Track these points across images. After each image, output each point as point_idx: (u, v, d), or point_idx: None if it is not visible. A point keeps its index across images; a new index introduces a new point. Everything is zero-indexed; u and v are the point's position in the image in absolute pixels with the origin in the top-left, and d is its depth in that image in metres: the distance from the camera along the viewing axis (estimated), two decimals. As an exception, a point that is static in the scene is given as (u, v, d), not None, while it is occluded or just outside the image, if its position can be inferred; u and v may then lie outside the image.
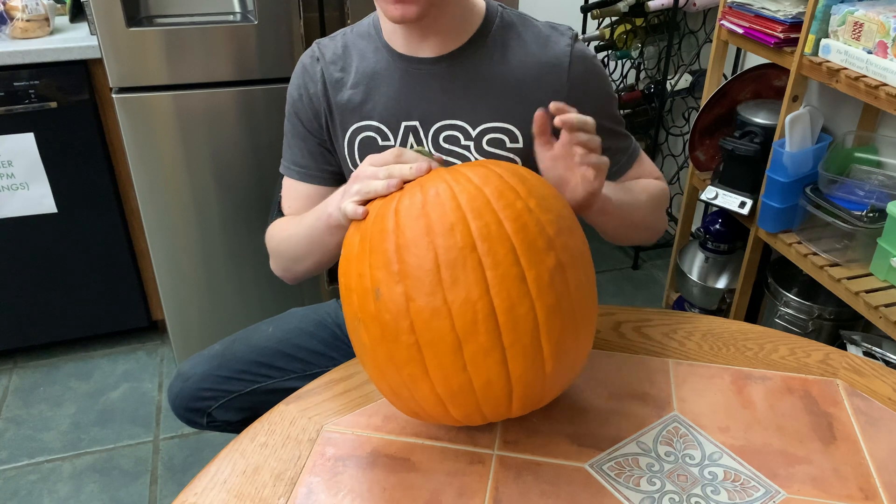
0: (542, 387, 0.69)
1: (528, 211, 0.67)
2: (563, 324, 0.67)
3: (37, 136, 1.73)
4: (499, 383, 0.67)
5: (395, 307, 0.65)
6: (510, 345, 0.65)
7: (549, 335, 0.66)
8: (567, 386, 0.76)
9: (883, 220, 1.40)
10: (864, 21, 1.33)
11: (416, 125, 0.96)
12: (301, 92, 1.01)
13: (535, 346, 0.66)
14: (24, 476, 1.68)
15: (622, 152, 1.01)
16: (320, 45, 1.01)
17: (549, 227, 0.67)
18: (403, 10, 0.84)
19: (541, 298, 0.65)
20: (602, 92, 0.98)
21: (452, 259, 0.64)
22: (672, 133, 2.41)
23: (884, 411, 0.83)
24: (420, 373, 0.67)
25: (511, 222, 0.66)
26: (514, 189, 0.68)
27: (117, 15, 1.52)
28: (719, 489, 0.72)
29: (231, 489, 0.72)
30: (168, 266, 1.84)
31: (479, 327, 0.64)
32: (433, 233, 0.65)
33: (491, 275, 0.64)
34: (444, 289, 0.64)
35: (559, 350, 0.67)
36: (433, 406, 0.70)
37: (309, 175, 1.04)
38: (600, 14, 2.17)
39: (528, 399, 0.70)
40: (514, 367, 0.66)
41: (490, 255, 0.64)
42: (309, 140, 1.03)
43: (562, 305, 0.66)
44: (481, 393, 0.67)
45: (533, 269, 0.65)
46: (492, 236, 0.65)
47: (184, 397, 1.12)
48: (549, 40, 0.95)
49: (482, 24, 0.94)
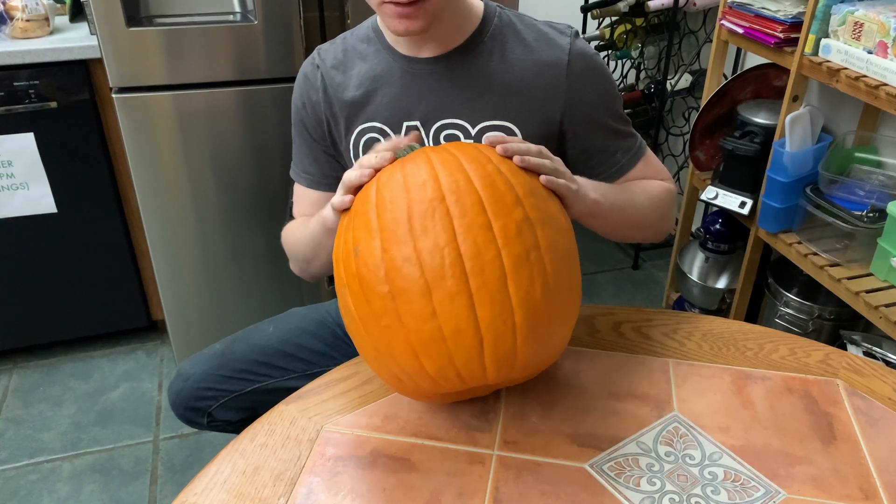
0: (512, 343, 0.69)
1: (497, 172, 0.72)
2: (531, 276, 0.69)
3: (37, 136, 1.73)
4: (468, 331, 0.68)
5: (371, 260, 0.70)
6: (477, 289, 0.67)
7: (516, 284, 0.68)
8: (546, 359, 0.75)
9: (883, 220, 1.40)
10: (864, 21, 1.33)
11: (417, 125, 0.97)
12: (304, 100, 1.02)
13: (503, 293, 0.68)
14: (24, 476, 1.68)
15: (623, 152, 1.00)
16: (321, 51, 1.02)
17: (518, 188, 0.72)
18: (408, 25, 0.85)
19: (507, 247, 0.68)
20: (602, 89, 0.97)
21: (423, 210, 0.69)
22: (672, 133, 2.41)
23: (884, 411, 0.83)
24: (395, 323, 0.69)
25: (480, 179, 0.71)
26: (488, 157, 0.74)
27: (117, 15, 1.52)
28: (719, 489, 0.72)
29: (231, 489, 0.72)
30: (168, 266, 1.84)
31: (446, 271, 0.67)
32: (408, 189, 0.71)
33: (458, 223, 0.68)
34: (414, 238, 0.68)
35: (529, 304, 0.68)
36: (408, 360, 0.71)
37: (315, 181, 1.06)
38: (600, 14, 2.17)
39: (500, 356, 0.70)
40: (483, 313, 0.67)
41: (458, 205, 0.69)
42: (314, 147, 1.05)
43: (530, 257, 0.69)
44: (451, 341, 0.68)
45: (499, 219, 0.69)
46: (460, 190, 0.70)
47: (184, 397, 1.12)
48: (549, 38, 0.95)
49: (480, 24, 0.95)
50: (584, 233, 0.91)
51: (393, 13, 0.84)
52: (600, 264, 2.51)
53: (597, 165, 0.99)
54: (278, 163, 1.79)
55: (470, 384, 0.73)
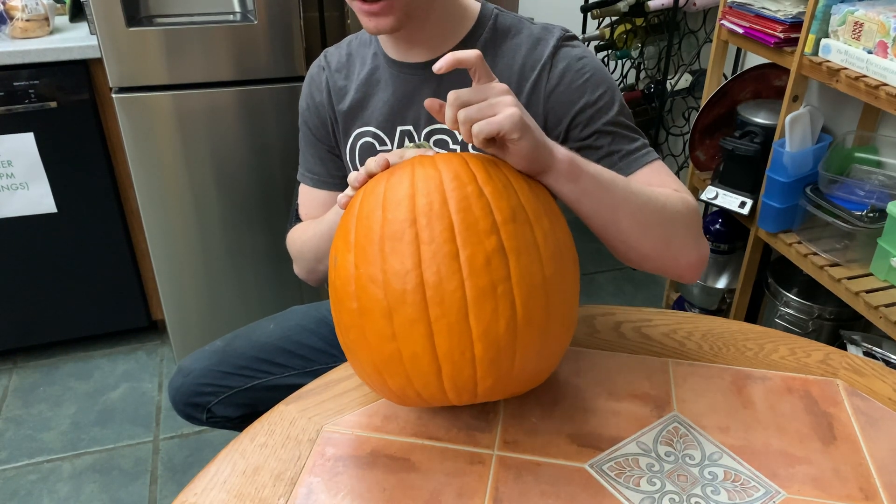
0: (471, 373, 0.68)
1: (477, 195, 0.68)
2: (495, 310, 0.66)
3: (37, 136, 1.73)
4: (425, 358, 0.67)
5: (344, 273, 0.70)
6: (436, 318, 0.66)
7: (478, 317, 0.66)
8: (522, 385, 0.74)
9: (883, 220, 1.40)
10: (864, 21, 1.33)
11: (409, 129, 0.97)
12: (309, 102, 1.04)
13: (462, 324, 0.66)
14: (24, 476, 1.68)
15: (619, 154, 0.91)
16: (327, 54, 1.03)
17: (498, 213, 0.68)
18: (377, 23, 0.84)
19: (472, 278, 0.66)
20: (590, 92, 0.90)
21: (394, 231, 0.68)
22: (672, 133, 2.41)
23: (884, 411, 0.83)
24: (361, 338, 0.70)
25: (456, 202, 0.68)
26: (473, 174, 0.70)
27: (117, 15, 1.52)
28: (719, 489, 0.72)
29: (231, 489, 0.72)
30: (168, 266, 1.84)
31: (406, 297, 0.66)
32: (384, 207, 0.69)
33: (425, 249, 0.67)
34: (383, 258, 0.68)
35: (490, 337, 0.67)
36: (373, 374, 0.72)
37: (322, 182, 1.06)
38: (600, 14, 2.17)
39: (459, 384, 0.69)
40: (440, 342, 0.67)
41: (428, 229, 0.67)
42: (319, 147, 1.05)
43: (497, 290, 0.66)
44: (409, 365, 0.68)
45: (468, 248, 0.66)
46: (433, 213, 0.67)
47: (184, 392, 1.13)
48: (539, 42, 0.92)
49: (473, 28, 0.93)
50: (584, 232, 0.89)
51: (361, 11, 0.84)
52: (600, 264, 2.51)
53: None
54: (278, 163, 1.79)
55: (432, 404, 0.74)
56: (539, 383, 0.78)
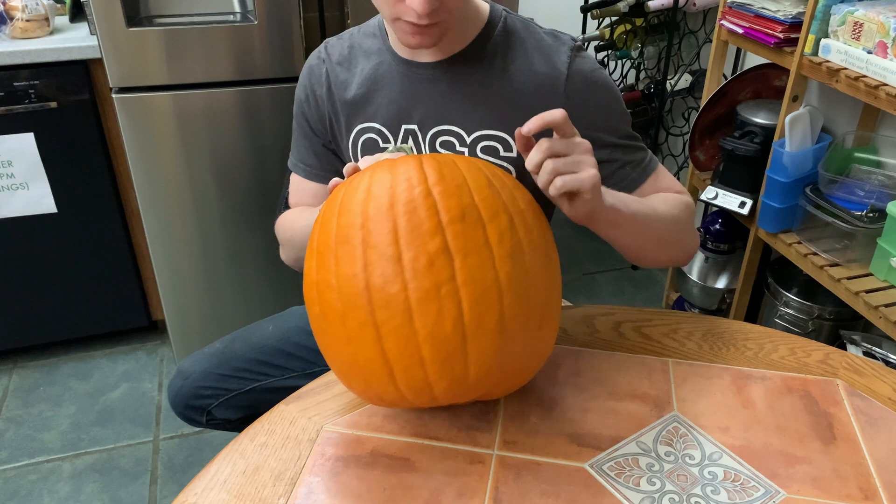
0: (423, 375, 0.68)
1: (424, 195, 0.68)
2: (440, 311, 0.66)
3: (37, 136, 1.73)
4: (377, 361, 0.68)
5: (309, 279, 0.72)
6: (382, 322, 0.66)
7: (423, 318, 0.66)
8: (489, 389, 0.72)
9: (883, 220, 1.40)
10: (863, 21, 1.33)
11: (414, 129, 0.96)
12: (307, 93, 1.02)
13: (407, 326, 0.66)
14: (24, 476, 1.68)
15: (633, 165, 0.96)
16: (328, 45, 1.02)
17: (445, 213, 0.67)
18: (421, 41, 0.85)
19: (415, 280, 0.66)
20: (604, 107, 0.94)
21: (344, 236, 0.68)
22: (672, 133, 2.41)
23: (884, 411, 0.83)
24: (325, 342, 0.72)
25: (403, 204, 0.68)
26: (424, 175, 0.69)
27: (117, 15, 1.52)
28: (719, 489, 0.72)
29: (231, 489, 0.72)
30: (168, 266, 1.84)
31: (355, 301, 0.67)
32: (340, 213, 0.70)
33: (369, 253, 0.67)
34: (336, 263, 0.68)
35: (437, 338, 0.66)
36: (340, 377, 0.75)
37: (314, 174, 1.06)
38: (600, 14, 2.17)
39: (413, 385, 0.69)
40: (388, 345, 0.67)
41: (373, 234, 0.67)
42: (314, 140, 1.05)
43: (441, 291, 0.66)
44: (365, 368, 0.69)
45: (410, 250, 0.66)
46: (380, 216, 0.68)
47: (183, 395, 1.12)
48: (551, 50, 0.93)
49: (483, 30, 0.93)
50: (584, 232, 0.90)
51: (409, 30, 0.84)
52: (600, 264, 2.51)
53: (605, 178, 0.93)
54: (278, 163, 1.79)
55: (401, 405, 0.74)
56: (519, 384, 0.77)
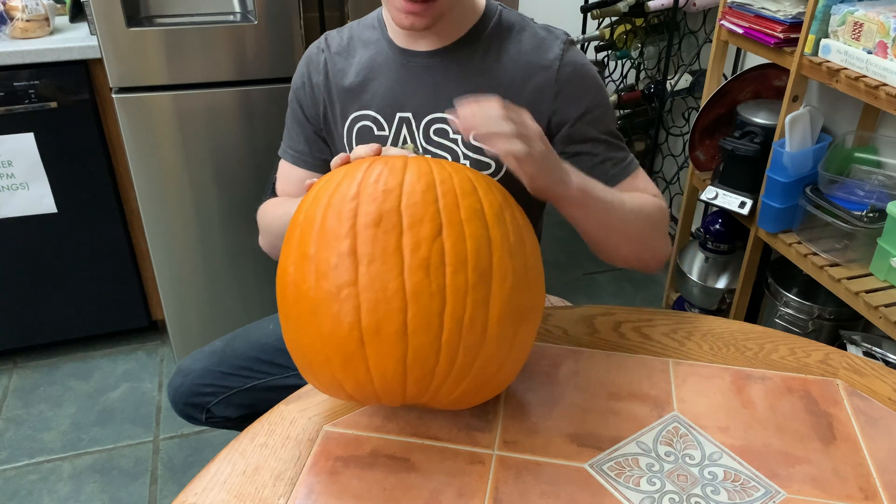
0: (330, 372, 0.68)
1: (350, 198, 0.68)
2: (340, 313, 0.65)
3: (37, 136, 1.73)
4: (300, 352, 0.71)
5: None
6: (296, 317, 0.69)
7: (325, 318, 0.66)
8: (415, 395, 0.70)
9: (883, 220, 1.40)
10: (864, 21, 1.33)
11: (409, 117, 0.98)
12: (304, 80, 1.04)
13: (314, 324, 0.68)
14: (24, 476, 1.68)
15: (614, 162, 0.97)
16: (328, 37, 1.04)
17: (363, 216, 0.66)
18: (414, 21, 0.87)
19: (318, 280, 0.67)
20: (592, 99, 0.95)
21: (289, 230, 0.72)
22: (672, 133, 2.41)
23: (884, 411, 0.83)
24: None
25: (332, 206, 0.68)
26: (365, 178, 0.69)
27: (117, 15, 1.52)
28: (719, 489, 0.72)
29: (231, 489, 0.72)
30: (168, 266, 1.84)
31: (282, 293, 0.71)
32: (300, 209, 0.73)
33: (296, 249, 0.70)
34: (283, 255, 0.71)
35: (337, 339, 0.66)
36: None
37: (303, 160, 1.08)
38: (600, 14, 2.17)
39: (325, 383, 0.71)
40: (305, 341, 0.70)
41: (303, 231, 0.69)
42: (306, 127, 1.06)
43: (341, 294, 0.65)
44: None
45: (322, 251, 0.67)
46: (313, 215, 0.69)
47: (183, 392, 1.13)
48: (544, 43, 0.95)
49: (479, 21, 0.96)
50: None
51: (402, 8, 0.86)
52: (600, 264, 2.51)
53: (585, 171, 0.95)
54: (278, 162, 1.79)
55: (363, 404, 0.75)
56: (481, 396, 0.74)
